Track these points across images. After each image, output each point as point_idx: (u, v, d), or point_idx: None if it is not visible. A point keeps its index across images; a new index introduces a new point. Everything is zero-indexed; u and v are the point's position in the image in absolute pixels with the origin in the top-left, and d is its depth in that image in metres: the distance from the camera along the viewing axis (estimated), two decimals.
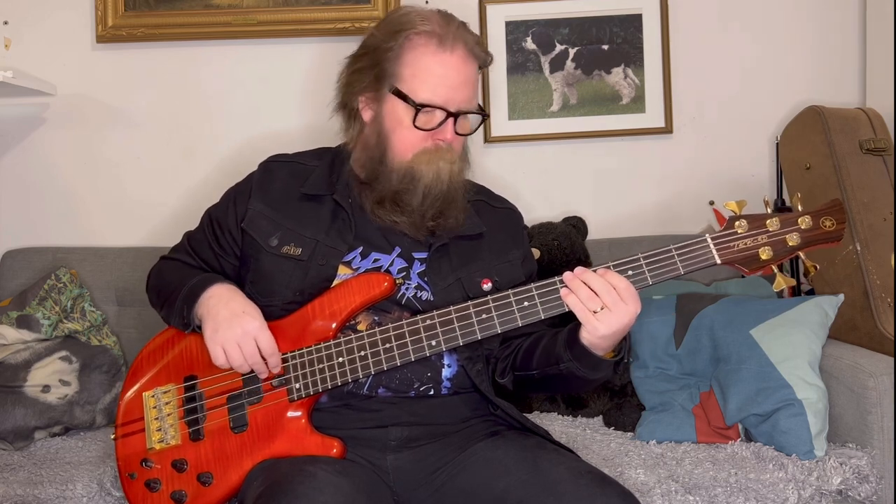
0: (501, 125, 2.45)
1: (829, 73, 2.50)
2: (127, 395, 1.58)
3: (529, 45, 2.45)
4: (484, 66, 1.59)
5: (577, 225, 2.31)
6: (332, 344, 1.48)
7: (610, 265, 1.39)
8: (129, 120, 2.40)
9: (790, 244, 1.37)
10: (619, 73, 2.47)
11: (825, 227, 1.37)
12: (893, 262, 2.07)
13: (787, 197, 2.34)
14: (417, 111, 1.50)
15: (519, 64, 2.46)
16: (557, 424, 2.02)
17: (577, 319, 1.39)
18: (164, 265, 1.71)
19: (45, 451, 1.94)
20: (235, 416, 1.50)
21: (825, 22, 2.49)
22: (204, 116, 2.41)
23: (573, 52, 2.46)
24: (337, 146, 1.68)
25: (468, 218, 1.60)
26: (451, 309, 1.45)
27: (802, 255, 1.38)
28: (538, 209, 2.40)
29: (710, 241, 1.39)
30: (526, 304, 1.42)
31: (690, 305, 2.08)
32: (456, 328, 1.44)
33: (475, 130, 1.60)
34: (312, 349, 1.49)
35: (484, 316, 1.43)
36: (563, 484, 1.34)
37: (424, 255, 1.57)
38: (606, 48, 2.46)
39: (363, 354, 1.46)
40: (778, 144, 2.32)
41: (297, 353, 1.49)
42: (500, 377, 1.60)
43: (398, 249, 1.57)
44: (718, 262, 1.38)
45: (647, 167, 2.49)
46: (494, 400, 1.56)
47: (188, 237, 1.72)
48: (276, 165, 1.67)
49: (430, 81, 1.50)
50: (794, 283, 1.53)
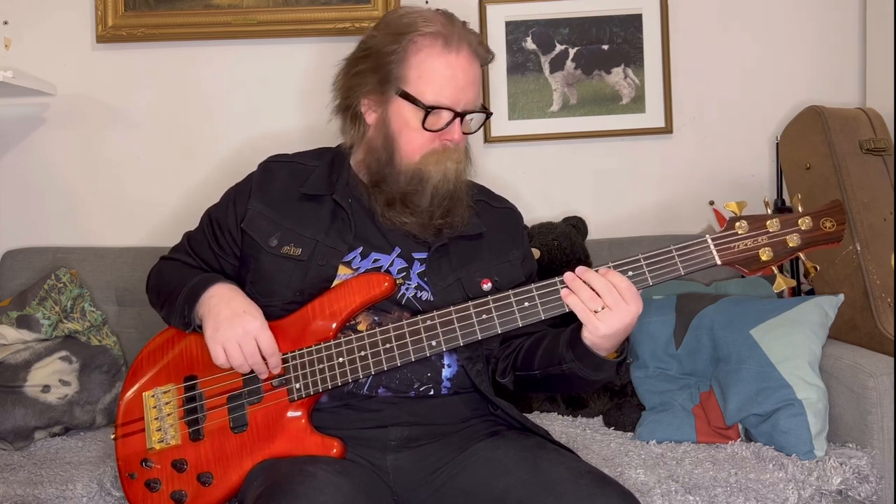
0: (501, 125, 2.45)
1: (829, 73, 2.50)
2: (127, 395, 1.58)
3: (529, 45, 2.45)
4: (485, 64, 1.60)
5: (577, 225, 2.31)
6: (332, 344, 1.48)
7: (610, 265, 1.39)
8: (129, 120, 2.40)
9: (790, 245, 1.37)
10: (619, 73, 2.46)
11: (825, 227, 1.37)
12: (893, 262, 2.07)
13: (787, 197, 2.34)
14: (427, 113, 1.50)
15: (519, 64, 2.46)
16: (557, 424, 2.02)
17: (578, 320, 1.39)
18: (163, 265, 1.71)
19: (45, 451, 1.94)
20: (235, 416, 1.50)
21: (825, 22, 2.49)
22: (204, 116, 2.41)
23: (573, 52, 2.45)
24: (337, 146, 1.68)
25: (469, 217, 1.60)
26: (451, 309, 1.45)
27: (803, 255, 1.38)
28: (538, 209, 2.40)
29: (710, 241, 1.38)
30: (526, 304, 1.42)
31: (690, 305, 2.08)
32: (456, 328, 1.44)
33: (479, 128, 1.61)
34: (313, 349, 1.49)
35: (484, 316, 1.43)
36: (563, 484, 1.34)
37: (424, 255, 1.57)
38: (606, 48, 2.46)
39: (363, 354, 1.46)
40: (778, 144, 2.32)
41: (297, 353, 1.49)
42: (500, 377, 1.60)
43: (398, 250, 1.57)
44: (719, 262, 1.38)
45: (647, 167, 2.49)
46: (494, 400, 1.56)
47: (188, 237, 1.72)
48: (275, 165, 1.67)
49: (437, 83, 1.50)
50: (794, 283, 1.53)
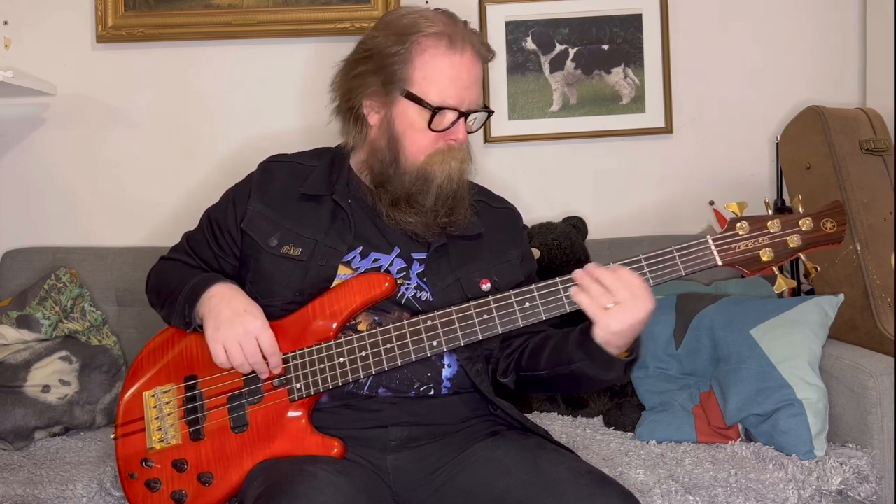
0: (501, 125, 2.45)
1: (829, 73, 2.50)
2: (127, 394, 1.58)
3: (529, 45, 2.45)
4: (486, 62, 1.60)
5: (577, 225, 2.31)
6: (332, 344, 1.48)
7: (611, 265, 1.39)
8: (129, 120, 2.40)
9: (791, 246, 1.37)
10: (619, 73, 2.46)
11: (826, 228, 1.37)
12: (893, 262, 2.07)
13: (787, 197, 2.34)
14: (434, 113, 1.50)
15: (519, 64, 2.46)
16: (557, 424, 2.02)
17: (579, 320, 1.39)
18: (163, 265, 1.71)
19: (45, 451, 1.94)
20: (236, 415, 1.50)
21: (825, 22, 2.49)
22: (204, 116, 2.41)
23: (573, 52, 2.45)
24: (336, 146, 1.68)
25: (471, 216, 1.60)
26: (452, 309, 1.45)
27: (803, 256, 1.38)
28: (538, 209, 2.40)
29: (711, 242, 1.38)
30: (527, 304, 1.42)
31: (690, 305, 2.08)
32: (457, 328, 1.44)
33: (481, 127, 1.61)
34: (313, 349, 1.49)
35: (485, 316, 1.43)
36: (563, 484, 1.34)
37: (423, 255, 1.57)
38: (606, 48, 2.46)
39: (364, 354, 1.46)
40: (778, 144, 2.32)
41: (297, 353, 1.49)
42: (502, 376, 1.60)
43: (397, 250, 1.57)
44: (719, 263, 1.38)
45: (647, 167, 2.49)
46: (494, 400, 1.56)
47: (187, 238, 1.72)
48: (275, 165, 1.66)
49: (442, 83, 1.50)
50: (794, 284, 1.53)
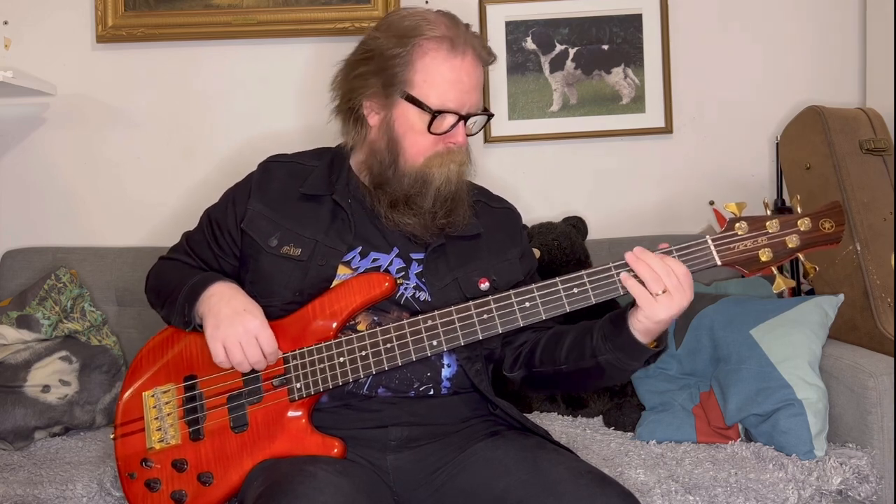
0: (501, 125, 2.45)
1: (829, 73, 2.50)
2: (126, 394, 1.58)
3: (529, 45, 2.45)
4: (487, 66, 1.60)
5: (577, 225, 2.31)
6: (332, 344, 1.48)
7: (611, 265, 1.39)
8: (129, 120, 2.40)
9: (790, 246, 1.37)
10: (619, 73, 2.46)
11: (824, 228, 1.37)
12: (893, 262, 2.07)
13: (787, 197, 2.34)
14: (433, 117, 1.50)
15: (519, 64, 2.46)
16: (557, 424, 2.02)
17: (578, 319, 1.39)
18: (163, 265, 1.71)
19: (45, 451, 1.94)
20: (236, 415, 1.50)
21: (825, 22, 2.49)
22: (204, 116, 2.41)
23: (573, 52, 2.45)
24: (336, 146, 1.68)
25: (470, 217, 1.60)
26: (452, 309, 1.45)
27: (802, 256, 1.38)
28: (538, 209, 2.40)
29: (710, 242, 1.39)
30: (527, 304, 1.42)
31: (690, 305, 2.07)
32: (457, 328, 1.44)
33: (481, 130, 1.61)
34: (313, 349, 1.49)
35: (485, 316, 1.43)
36: (563, 484, 1.34)
37: (421, 255, 1.57)
38: (606, 48, 2.46)
39: (364, 354, 1.46)
40: (778, 144, 2.32)
41: (297, 352, 1.49)
42: (508, 371, 1.59)
43: (396, 250, 1.57)
44: (719, 263, 1.38)
45: (646, 167, 2.49)
46: (494, 400, 1.56)
47: (187, 238, 1.72)
48: (275, 165, 1.66)
49: (443, 87, 1.50)
50: (793, 284, 1.53)
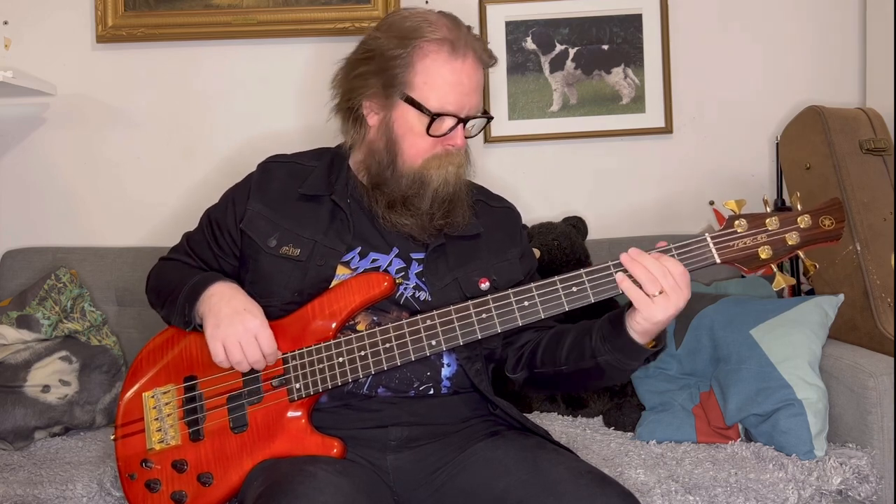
0: (501, 125, 2.45)
1: (829, 73, 2.50)
2: (126, 395, 1.58)
3: (529, 45, 2.45)
4: (488, 68, 1.59)
5: (577, 225, 2.31)
6: (332, 344, 1.48)
7: (610, 264, 1.39)
8: (129, 120, 2.40)
9: (789, 243, 1.37)
10: (619, 73, 2.46)
11: (824, 226, 1.37)
12: (893, 262, 2.07)
13: (787, 197, 2.34)
14: (432, 119, 1.50)
15: (519, 64, 2.46)
16: (557, 424, 2.02)
17: (577, 319, 1.38)
18: (163, 266, 1.71)
19: (45, 451, 1.94)
20: (235, 416, 1.50)
21: (825, 22, 2.49)
22: (204, 116, 2.41)
23: (573, 52, 2.45)
24: (336, 146, 1.68)
25: (470, 217, 1.60)
26: (451, 308, 1.45)
27: (802, 254, 1.38)
28: (538, 209, 2.40)
29: (709, 240, 1.38)
30: (526, 303, 1.42)
31: (690, 305, 2.04)
32: (456, 328, 1.44)
33: (480, 132, 1.61)
34: (312, 349, 1.49)
35: (484, 315, 1.43)
36: (563, 484, 1.34)
37: (421, 255, 1.57)
38: (606, 48, 2.46)
39: (363, 354, 1.46)
40: (778, 144, 2.32)
41: (297, 352, 1.49)
42: (511, 372, 1.59)
43: (396, 250, 1.57)
44: (718, 261, 1.38)
45: (646, 167, 2.49)
46: (494, 399, 1.56)
47: (187, 238, 1.72)
48: (274, 166, 1.66)
49: (443, 89, 1.50)
50: (793, 281, 1.53)
